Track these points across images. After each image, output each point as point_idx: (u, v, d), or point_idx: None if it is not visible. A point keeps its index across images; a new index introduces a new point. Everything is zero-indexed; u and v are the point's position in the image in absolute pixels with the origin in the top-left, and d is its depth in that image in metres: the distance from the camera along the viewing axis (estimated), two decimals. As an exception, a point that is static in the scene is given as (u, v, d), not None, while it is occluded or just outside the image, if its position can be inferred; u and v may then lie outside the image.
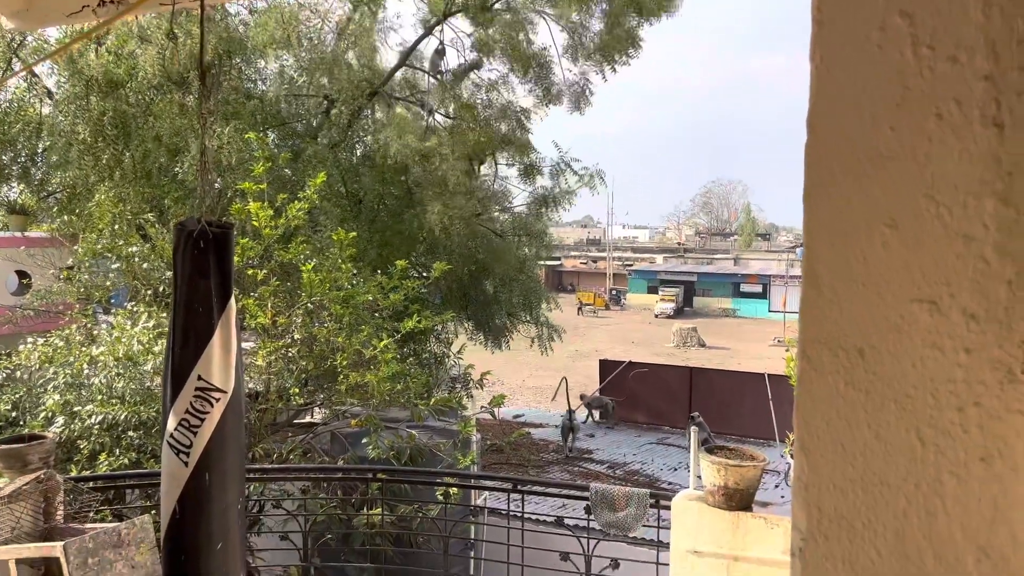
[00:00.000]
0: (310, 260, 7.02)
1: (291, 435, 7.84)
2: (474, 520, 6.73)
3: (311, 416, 9.17)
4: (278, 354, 6.86)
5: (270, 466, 6.42)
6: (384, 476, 5.66)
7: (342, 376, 6.80)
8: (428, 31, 12.72)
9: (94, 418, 5.96)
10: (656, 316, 47.10)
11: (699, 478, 3.62)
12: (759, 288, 50.50)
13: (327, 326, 6.97)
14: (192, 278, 3.07)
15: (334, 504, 6.09)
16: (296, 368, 6.98)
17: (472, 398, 10.96)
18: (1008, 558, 0.66)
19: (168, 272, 7.08)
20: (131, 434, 6.07)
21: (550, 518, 6.62)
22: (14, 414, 6.77)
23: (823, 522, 0.74)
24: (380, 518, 5.79)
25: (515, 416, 17.41)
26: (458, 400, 7.84)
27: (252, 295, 6.85)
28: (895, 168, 0.69)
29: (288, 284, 7.39)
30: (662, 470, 13.29)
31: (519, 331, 14.17)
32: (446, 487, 5.87)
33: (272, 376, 6.89)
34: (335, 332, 6.82)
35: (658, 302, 49.13)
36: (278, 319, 6.91)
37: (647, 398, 17.00)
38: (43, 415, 6.20)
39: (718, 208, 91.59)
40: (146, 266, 7.60)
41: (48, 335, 7.25)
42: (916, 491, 0.69)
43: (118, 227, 8.16)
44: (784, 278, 45.80)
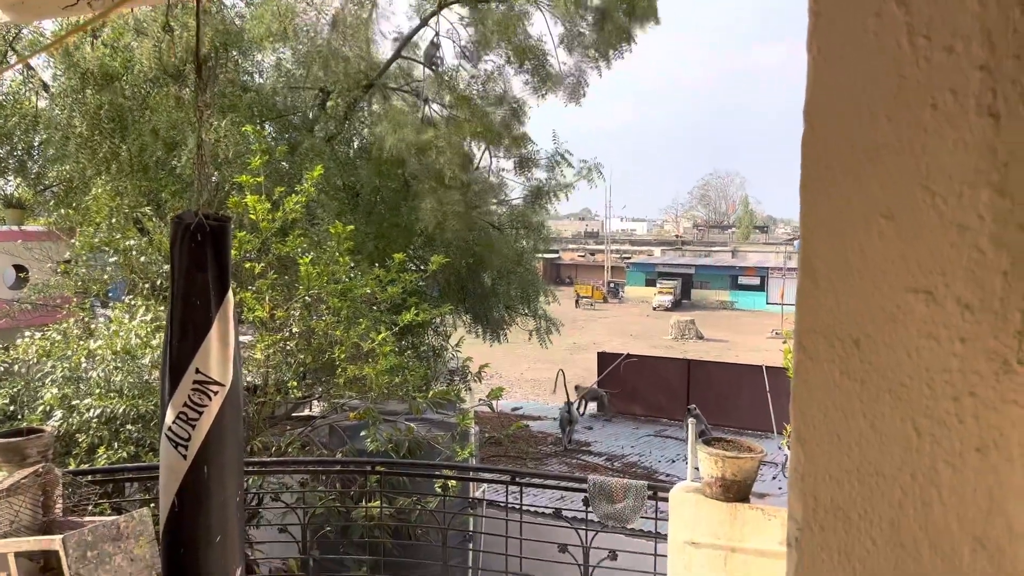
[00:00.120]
0: (308, 253, 7.01)
1: (289, 428, 7.84)
2: (472, 512, 6.74)
3: (309, 409, 9.17)
4: (276, 347, 6.86)
5: (269, 459, 6.43)
6: (383, 469, 5.67)
7: (340, 369, 6.80)
8: (424, 22, 12.67)
9: (92, 412, 5.97)
10: (654, 309, 47.13)
11: (696, 470, 3.63)
12: (757, 280, 50.52)
13: (325, 319, 6.97)
14: (189, 271, 3.07)
15: (333, 497, 6.10)
16: (294, 361, 6.98)
17: (470, 391, 10.98)
18: (1004, 548, 0.66)
19: (166, 266, 7.07)
20: (129, 427, 6.08)
21: (548, 510, 6.64)
22: (12, 408, 6.77)
23: (819, 512, 0.74)
24: (379, 510, 5.80)
25: (513, 409, 17.43)
26: (456, 393, 7.84)
27: (250, 288, 6.84)
28: (891, 159, 0.69)
29: (286, 277, 7.38)
30: (660, 462, 13.33)
31: (517, 324, 14.17)
32: (444, 479, 5.89)
33: (270, 369, 6.89)
34: (333, 325, 6.81)
35: (656, 295, 49.15)
36: (276, 312, 6.90)
37: (645, 391, 17.04)
38: (41, 409, 6.21)
39: (716, 201, 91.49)
40: (144, 260, 7.59)
41: (46, 329, 7.25)
42: (912, 481, 0.69)
43: (115, 221, 8.14)
44: (782, 270, 45.83)
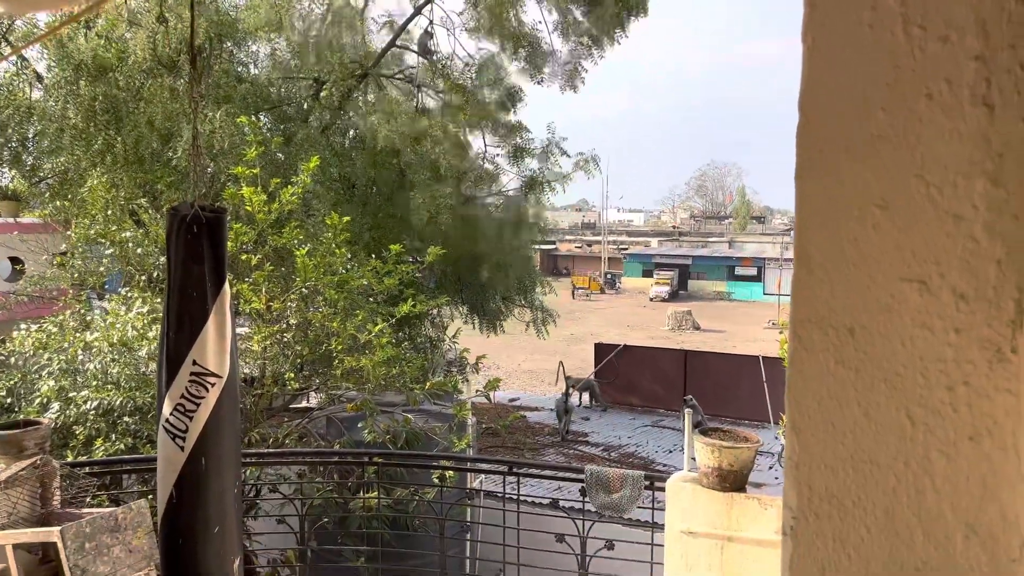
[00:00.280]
0: (304, 245, 7.00)
1: (287, 420, 7.85)
2: (470, 503, 6.76)
3: (307, 401, 9.18)
4: (273, 339, 6.86)
5: (266, 451, 6.44)
6: (380, 460, 5.68)
7: (337, 361, 6.80)
8: (417, 10, 12.62)
9: (89, 404, 5.97)
10: (651, 300, 47.13)
11: (693, 460, 3.64)
12: (754, 271, 50.54)
13: (322, 311, 6.97)
14: (186, 263, 3.06)
15: (330, 488, 6.11)
16: (291, 353, 6.98)
17: (468, 382, 10.98)
18: (996, 535, 0.67)
19: (162, 257, 7.05)
20: (127, 419, 6.08)
21: (546, 500, 6.67)
22: (9, 400, 6.76)
23: (814, 500, 0.74)
24: (376, 501, 5.81)
25: (511, 400, 17.46)
26: (454, 384, 7.84)
27: (246, 280, 6.83)
28: (886, 149, 0.69)
29: (282, 269, 7.37)
30: (657, 452, 13.38)
31: (515, 315, 14.17)
32: (442, 470, 5.89)
33: (267, 361, 6.89)
34: (330, 317, 6.81)
35: (653, 285, 49.14)
36: (273, 304, 6.90)
37: (642, 381, 17.08)
38: (38, 401, 6.20)
39: (713, 191, 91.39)
40: (140, 251, 7.57)
41: (42, 321, 7.24)
42: (906, 469, 0.70)
43: (111, 212, 8.11)
44: (779, 261, 45.84)
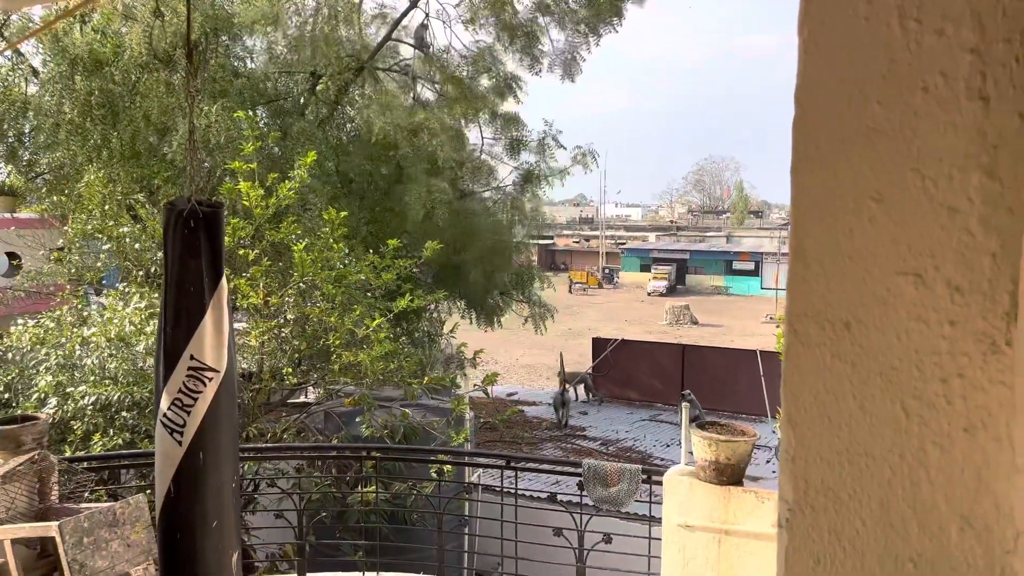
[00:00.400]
0: (302, 240, 7.00)
1: (285, 415, 7.86)
2: (468, 497, 6.77)
3: (305, 396, 9.19)
4: (271, 334, 6.86)
5: (265, 445, 6.45)
6: (378, 454, 5.69)
7: (335, 356, 6.81)
8: (414, 3, 12.58)
9: (87, 399, 5.97)
10: (648, 294, 47.17)
11: (691, 454, 3.65)
12: (751, 266, 50.57)
13: (319, 306, 6.97)
14: (183, 258, 3.06)
15: (328, 482, 6.12)
16: (289, 348, 6.98)
17: (465, 377, 10.99)
18: (991, 527, 0.67)
19: (160, 252, 7.05)
20: (124, 414, 6.08)
21: (543, 494, 6.68)
22: (7, 395, 6.76)
23: (809, 493, 0.74)
24: (374, 496, 5.82)
25: (508, 394, 17.49)
26: (451, 379, 7.85)
27: (244, 275, 6.83)
28: (881, 142, 0.69)
29: (280, 264, 7.36)
30: (655, 446, 13.41)
31: (513, 310, 14.18)
32: (440, 464, 5.90)
33: (265, 356, 6.89)
34: (327, 312, 6.81)
35: (651, 280, 49.17)
36: (270, 299, 6.90)
37: (640, 376, 17.12)
38: (36, 396, 6.21)
39: (711, 186, 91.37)
40: (137, 247, 7.57)
41: (40, 316, 7.23)
42: (901, 462, 0.70)
43: (108, 208, 8.10)
44: (777, 255, 45.86)
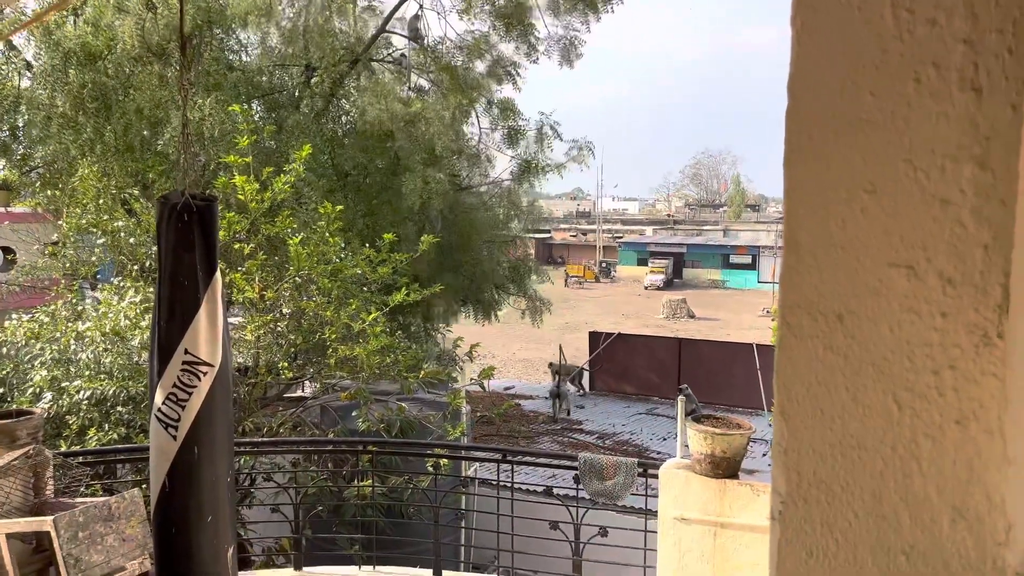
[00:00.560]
0: (297, 233, 6.98)
1: (281, 409, 7.85)
2: (464, 491, 6.78)
3: (301, 390, 9.18)
4: (267, 328, 6.85)
5: (260, 439, 6.44)
6: (374, 448, 5.69)
7: (331, 350, 6.80)
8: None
9: (82, 393, 5.95)
10: (645, 288, 47.15)
11: (687, 447, 3.66)
12: (748, 259, 50.56)
13: (315, 300, 6.95)
14: (177, 251, 3.05)
15: (325, 477, 6.12)
16: (285, 342, 6.97)
17: (462, 370, 10.99)
18: (983, 518, 0.67)
19: (154, 247, 7.02)
20: (120, 409, 6.07)
21: (540, 488, 6.69)
22: (1, 390, 6.75)
23: (802, 486, 0.74)
24: (371, 490, 5.82)
25: (505, 388, 17.50)
26: (448, 373, 7.85)
27: (239, 269, 6.81)
28: (874, 133, 0.69)
29: (275, 258, 7.35)
30: (651, 440, 13.43)
31: (510, 304, 14.18)
32: (436, 458, 5.91)
33: (261, 350, 6.88)
34: (323, 306, 6.80)
35: (648, 274, 49.15)
36: (266, 293, 6.88)
37: (637, 369, 17.14)
38: (31, 391, 6.19)
39: (708, 179, 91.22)
40: (132, 241, 7.54)
41: (34, 311, 7.21)
42: (893, 454, 0.70)
43: (103, 202, 8.06)
44: (774, 249, 45.83)
